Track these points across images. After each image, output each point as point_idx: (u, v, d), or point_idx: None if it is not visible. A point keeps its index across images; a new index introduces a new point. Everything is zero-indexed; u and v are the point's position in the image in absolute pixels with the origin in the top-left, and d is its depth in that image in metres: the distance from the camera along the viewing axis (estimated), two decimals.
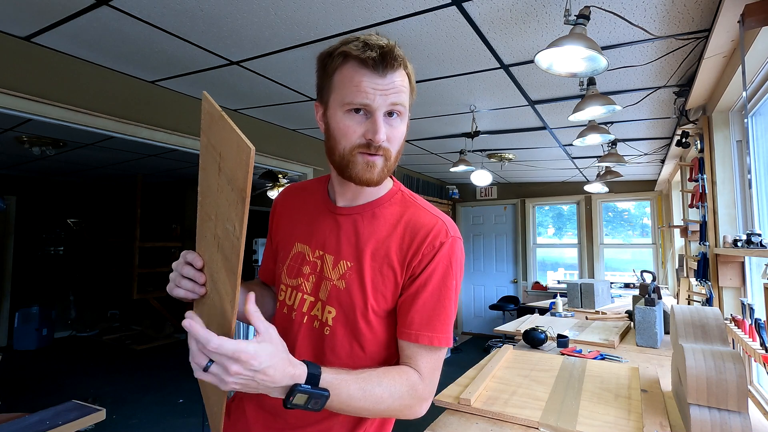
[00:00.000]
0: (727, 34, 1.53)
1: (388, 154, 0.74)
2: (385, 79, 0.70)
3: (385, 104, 0.71)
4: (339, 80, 0.72)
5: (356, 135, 0.72)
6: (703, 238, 2.35)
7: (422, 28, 1.77)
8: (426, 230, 0.76)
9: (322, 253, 0.80)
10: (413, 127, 3.38)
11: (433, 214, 0.79)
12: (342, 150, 0.73)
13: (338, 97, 0.72)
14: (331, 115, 0.74)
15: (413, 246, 0.76)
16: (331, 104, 0.74)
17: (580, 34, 1.42)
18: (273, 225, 0.92)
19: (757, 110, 1.95)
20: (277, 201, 0.94)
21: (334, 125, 0.73)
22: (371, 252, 0.77)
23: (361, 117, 0.72)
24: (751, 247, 1.66)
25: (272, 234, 0.92)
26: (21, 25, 1.79)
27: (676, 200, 4.38)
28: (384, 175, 0.75)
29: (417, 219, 0.78)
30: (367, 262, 0.76)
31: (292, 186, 0.94)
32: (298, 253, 0.83)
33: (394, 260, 0.76)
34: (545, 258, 6.25)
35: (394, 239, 0.77)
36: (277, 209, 0.93)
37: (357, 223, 0.80)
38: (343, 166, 0.74)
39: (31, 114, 1.98)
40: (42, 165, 4.68)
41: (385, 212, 0.80)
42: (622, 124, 3.10)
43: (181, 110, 2.65)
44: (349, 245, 0.78)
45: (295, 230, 0.86)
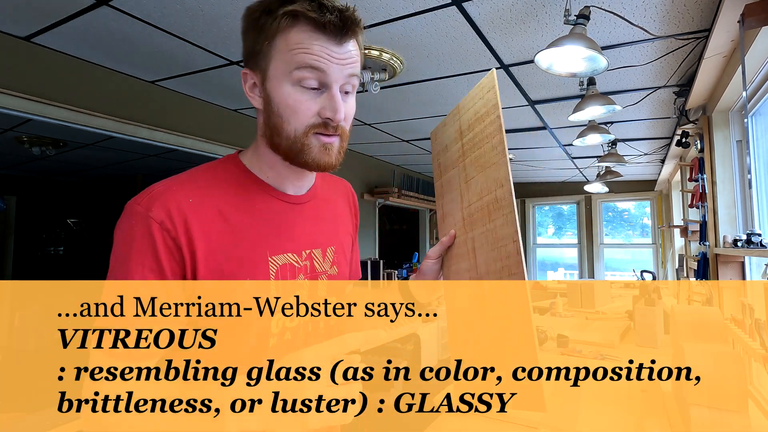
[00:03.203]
0: (727, 34, 1.53)
1: (344, 133, 0.65)
2: (342, 48, 0.60)
3: (342, 77, 0.61)
4: (284, 45, 0.59)
5: (311, 113, 0.60)
6: (703, 238, 2.35)
7: (422, 28, 1.77)
8: (350, 188, 0.85)
9: (309, 251, 0.70)
10: (413, 127, 3.39)
11: (329, 175, 0.82)
12: (293, 131, 0.61)
13: (283, 65, 0.59)
14: (273, 87, 0.61)
15: (354, 208, 0.84)
16: (273, 74, 0.60)
17: (580, 34, 1.42)
18: (192, 250, 0.58)
19: (757, 110, 1.95)
20: (183, 218, 0.58)
21: (280, 100, 0.60)
22: (341, 227, 0.79)
23: (314, 92, 0.60)
24: (751, 247, 1.66)
25: (198, 261, 0.58)
26: (21, 25, 1.79)
27: (676, 200, 4.38)
28: (341, 158, 0.66)
29: (337, 181, 0.84)
30: (342, 238, 0.79)
31: (178, 193, 0.59)
32: (283, 265, 0.65)
33: (350, 226, 0.82)
34: (545, 258, 6.25)
35: (343, 206, 0.82)
36: (192, 229, 0.58)
37: (319, 206, 0.75)
38: (295, 151, 0.62)
39: (31, 114, 1.97)
40: (42, 165, 4.68)
41: (324, 183, 0.79)
42: (622, 124, 3.10)
43: (181, 110, 2.65)
44: (326, 231, 0.75)
45: (256, 243, 0.63)
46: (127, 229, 0.57)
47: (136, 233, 0.56)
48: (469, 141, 0.68)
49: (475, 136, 0.66)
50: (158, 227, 0.56)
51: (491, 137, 0.62)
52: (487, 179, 0.62)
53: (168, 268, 0.56)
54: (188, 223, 0.57)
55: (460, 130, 0.71)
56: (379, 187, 4.72)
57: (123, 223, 0.58)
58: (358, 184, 4.51)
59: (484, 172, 0.63)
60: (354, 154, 4.45)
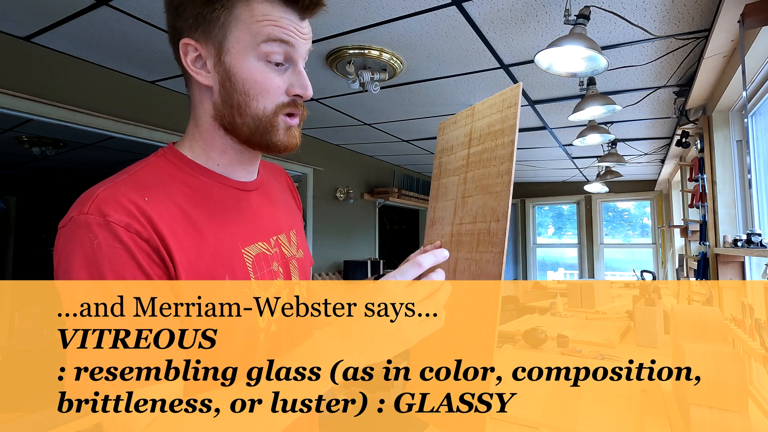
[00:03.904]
0: (727, 34, 1.53)
1: (304, 113, 0.61)
2: (304, 24, 0.57)
3: (304, 54, 0.58)
4: (246, 15, 0.53)
5: (280, 91, 0.56)
6: (703, 238, 2.35)
7: (422, 28, 1.77)
8: (285, 172, 0.83)
9: (276, 237, 0.67)
10: (413, 127, 3.39)
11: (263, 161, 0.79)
12: (262, 110, 0.56)
13: (246, 36, 0.53)
14: (234, 61, 0.54)
15: (294, 191, 0.83)
16: (233, 45, 0.54)
17: (580, 34, 1.42)
18: (165, 251, 0.51)
19: (757, 110, 1.95)
20: (146, 216, 0.50)
21: (247, 76, 0.54)
22: (291, 210, 0.77)
23: (279, 68, 0.56)
24: (751, 247, 1.66)
25: (176, 262, 0.51)
26: (21, 25, 1.79)
27: (676, 200, 4.38)
28: (300, 136, 0.62)
29: (272, 166, 0.81)
30: (297, 221, 0.77)
31: (129, 193, 0.51)
32: (257, 255, 0.61)
33: (297, 210, 0.80)
34: (545, 258, 6.25)
35: (286, 191, 0.79)
36: (159, 227, 0.50)
37: (268, 190, 0.71)
38: (262, 131, 0.57)
39: (31, 114, 1.98)
40: (42, 165, 4.68)
41: (264, 169, 0.74)
42: (622, 124, 3.10)
43: (180, 110, 2.65)
44: (283, 215, 0.71)
45: (225, 237, 0.57)
46: (84, 244, 0.46)
47: (100, 246, 0.46)
48: (477, 154, 0.64)
49: (483, 152, 0.62)
50: (125, 231, 0.47)
51: (500, 162, 0.58)
52: (485, 206, 0.58)
53: (154, 275, 0.49)
54: (153, 221, 0.50)
55: (470, 137, 0.67)
56: (379, 187, 4.72)
57: (72, 241, 0.47)
58: (358, 184, 4.51)
59: (483, 196, 0.59)
60: (354, 154, 4.45)
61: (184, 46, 0.56)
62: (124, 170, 0.55)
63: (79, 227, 0.47)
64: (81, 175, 5.51)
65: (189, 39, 0.56)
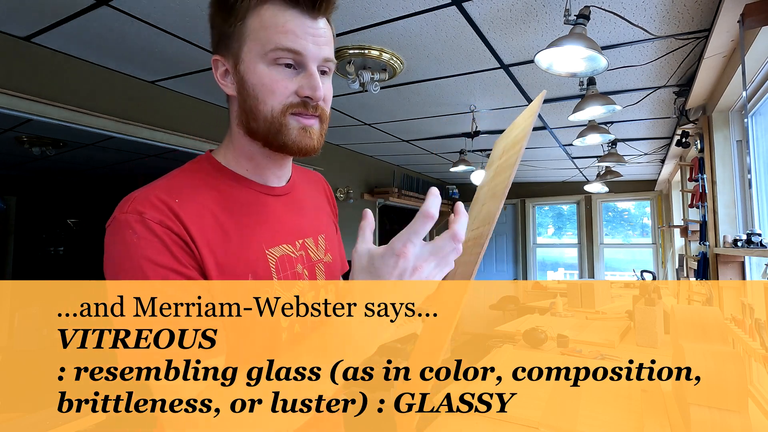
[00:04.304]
0: (727, 34, 1.53)
1: (325, 116, 0.61)
2: (316, 24, 0.57)
3: (318, 56, 0.58)
4: (257, 24, 0.56)
5: (288, 91, 0.57)
6: (703, 238, 2.35)
7: (422, 28, 1.77)
8: (324, 179, 0.85)
9: (302, 241, 0.68)
10: (413, 127, 3.39)
11: (301, 167, 0.81)
12: (269, 111, 0.58)
13: (256, 45, 0.56)
14: (247, 69, 0.58)
15: (331, 198, 0.84)
16: (246, 56, 0.57)
17: (580, 34, 1.42)
18: (195, 248, 0.54)
19: (757, 110, 1.95)
20: (177, 216, 0.54)
21: (255, 81, 0.57)
22: (324, 216, 0.79)
23: (290, 71, 0.58)
24: (751, 247, 1.66)
25: (204, 259, 0.55)
26: (21, 25, 1.79)
27: (676, 200, 4.38)
28: (322, 141, 0.62)
29: (311, 173, 0.82)
30: (328, 226, 0.78)
31: (163, 195, 0.55)
32: (281, 257, 0.63)
33: (331, 216, 0.82)
34: (545, 258, 6.25)
35: (321, 197, 0.81)
36: (189, 226, 0.54)
37: (300, 196, 0.73)
38: (273, 133, 0.59)
39: (31, 114, 1.98)
40: (42, 165, 4.68)
41: (299, 175, 0.76)
42: (622, 124, 3.10)
43: (181, 110, 2.65)
44: (312, 219, 0.73)
45: (250, 238, 0.60)
46: (125, 238, 0.52)
47: (139, 239, 0.51)
48: (500, 166, 0.63)
49: (503, 162, 0.62)
50: (159, 227, 0.52)
51: (508, 169, 0.58)
52: (488, 212, 0.58)
53: (188, 264, 0.53)
54: (183, 221, 0.54)
55: (503, 149, 0.67)
56: (379, 187, 4.72)
57: (114, 237, 0.53)
58: (358, 184, 4.51)
59: (488, 203, 0.59)
60: (354, 154, 4.45)
61: (215, 63, 0.62)
62: (163, 176, 0.60)
63: (120, 225, 0.52)
64: (81, 175, 5.51)
65: (217, 55, 0.61)
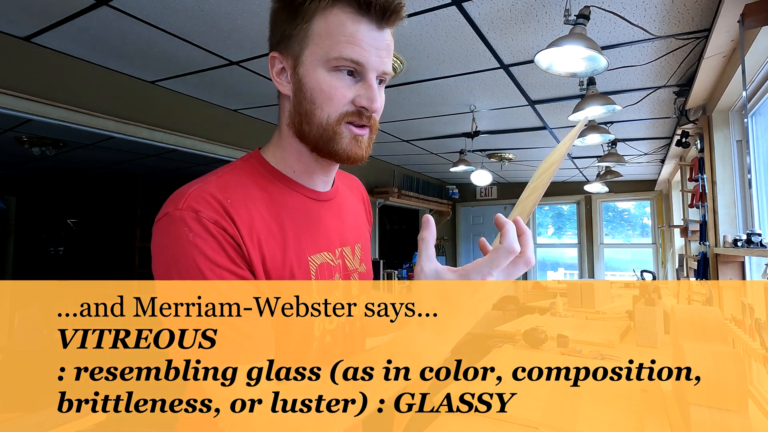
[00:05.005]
0: (727, 33, 1.53)
1: (375, 126, 0.62)
2: (382, 34, 0.57)
3: (380, 66, 0.58)
4: (323, 28, 0.55)
5: (345, 100, 0.57)
6: (703, 238, 2.35)
7: (422, 28, 1.77)
8: (362, 186, 0.84)
9: (341, 249, 0.68)
10: (413, 127, 3.39)
11: (342, 171, 0.80)
12: (326, 118, 0.58)
13: (320, 50, 0.56)
14: (306, 72, 0.57)
15: (367, 205, 0.84)
16: (307, 58, 0.57)
17: (580, 34, 1.42)
18: (245, 250, 0.55)
19: (757, 110, 1.95)
20: (230, 217, 0.54)
21: (314, 85, 0.57)
22: (361, 224, 0.78)
23: (350, 79, 0.57)
24: (751, 247, 1.66)
25: (252, 259, 0.55)
26: (21, 25, 1.79)
27: (676, 200, 4.38)
28: (370, 151, 0.62)
29: (351, 178, 0.82)
30: (365, 235, 0.77)
31: (217, 194, 0.55)
32: (322, 264, 0.63)
33: (367, 224, 0.81)
34: (545, 258, 6.25)
35: (359, 204, 0.81)
36: (240, 228, 0.55)
37: (342, 202, 0.72)
38: (326, 139, 0.59)
39: (31, 114, 1.98)
40: (42, 165, 4.68)
41: (341, 180, 0.76)
42: (622, 124, 3.10)
43: (181, 110, 2.65)
44: (351, 228, 0.72)
45: (294, 243, 0.60)
46: (180, 235, 0.51)
47: (195, 236, 0.51)
48: (536, 186, 0.64)
49: (539, 184, 0.63)
50: (214, 226, 0.52)
51: (537, 190, 0.59)
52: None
53: (242, 263, 0.53)
54: (236, 222, 0.54)
55: (542, 168, 0.68)
56: (379, 187, 4.72)
57: (168, 233, 0.52)
58: None
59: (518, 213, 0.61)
60: None
61: (272, 59, 0.61)
62: (212, 172, 0.60)
63: (175, 220, 0.52)
64: (81, 175, 5.51)
65: (275, 52, 0.60)
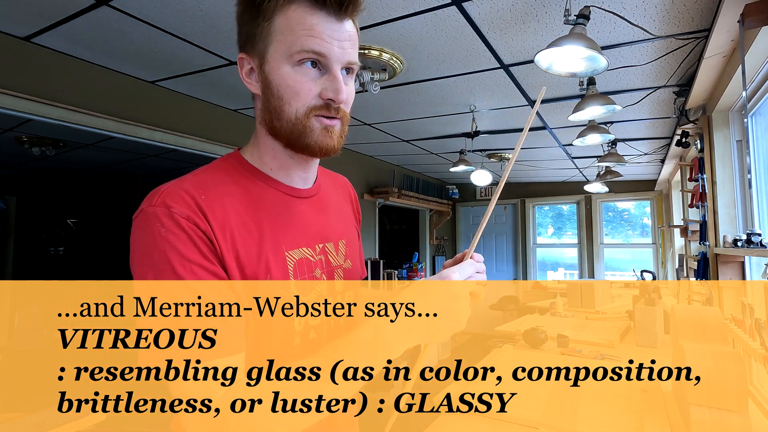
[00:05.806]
0: (727, 33, 1.53)
1: (345, 117, 0.63)
2: (342, 26, 0.58)
3: (343, 57, 0.59)
4: (283, 25, 0.57)
5: (312, 94, 0.59)
6: (703, 238, 2.35)
7: (422, 28, 1.77)
8: (349, 184, 0.85)
9: (322, 245, 0.68)
10: (413, 127, 3.39)
11: (327, 170, 0.81)
12: (294, 113, 0.59)
13: (282, 46, 0.57)
14: (272, 69, 0.59)
15: (355, 203, 0.84)
16: (272, 56, 0.58)
17: (580, 34, 1.42)
18: (217, 245, 0.55)
19: (757, 110, 1.95)
20: (202, 213, 0.55)
21: (280, 82, 0.58)
22: (347, 221, 0.78)
23: (314, 72, 0.58)
24: (751, 247, 1.66)
25: (224, 255, 0.55)
26: (21, 25, 1.79)
27: (676, 200, 4.38)
28: (342, 141, 0.64)
29: (337, 176, 0.83)
30: (350, 232, 0.78)
31: (190, 191, 0.56)
32: (300, 260, 0.63)
33: (354, 221, 0.82)
34: (545, 258, 6.25)
35: (346, 201, 0.81)
36: (213, 224, 0.55)
37: (324, 199, 0.73)
38: (297, 134, 0.60)
39: (31, 114, 1.98)
40: (42, 165, 4.68)
41: (326, 178, 0.77)
42: (622, 124, 3.10)
43: (180, 110, 2.65)
44: (335, 224, 0.73)
45: (271, 239, 0.60)
46: (153, 230, 0.52)
47: (167, 232, 0.52)
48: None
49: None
50: (186, 222, 0.53)
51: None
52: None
53: (213, 258, 0.54)
54: (208, 218, 0.55)
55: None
56: (379, 187, 4.72)
57: (143, 229, 0.53)
58: (358, 184, 4.51)
59: None
60: (354, 154, 4.45)
61: (240, 61, 0.62)
62: (192, 171, 0.61)
63: (149, 217, 0.53)
64: (81, 175, 5.51)
65: (243, 53, 0.62)
